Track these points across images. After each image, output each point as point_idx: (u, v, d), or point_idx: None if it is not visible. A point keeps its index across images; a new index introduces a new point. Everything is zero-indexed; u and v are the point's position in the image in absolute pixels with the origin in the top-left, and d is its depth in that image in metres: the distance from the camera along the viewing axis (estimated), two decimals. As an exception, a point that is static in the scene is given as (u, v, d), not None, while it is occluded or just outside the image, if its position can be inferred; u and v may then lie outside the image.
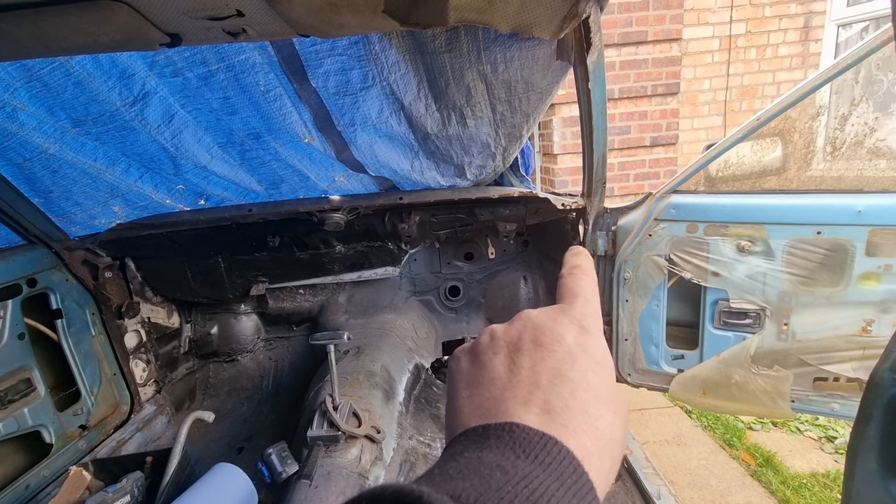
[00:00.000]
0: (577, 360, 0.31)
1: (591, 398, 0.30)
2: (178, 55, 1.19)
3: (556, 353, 0.32)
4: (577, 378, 0.30)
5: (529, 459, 0.26)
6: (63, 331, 1.63)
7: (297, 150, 1.51)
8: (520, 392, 0.30)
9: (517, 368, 0.31)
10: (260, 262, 2.08)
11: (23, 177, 1.41)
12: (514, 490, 0.23)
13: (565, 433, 0.27)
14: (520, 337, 0.33)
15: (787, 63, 4.05)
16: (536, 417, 0.28)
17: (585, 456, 0.27)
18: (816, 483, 2.24)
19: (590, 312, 0.35)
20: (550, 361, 0.31)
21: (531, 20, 0.90)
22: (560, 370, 0.31)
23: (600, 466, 0.28)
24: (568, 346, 0.32)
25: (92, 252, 1.72)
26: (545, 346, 0.32)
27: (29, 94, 1.20)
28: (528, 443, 0.26)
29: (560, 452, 0.26)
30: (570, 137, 3.95)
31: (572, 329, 0.33)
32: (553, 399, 0.29)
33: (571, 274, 0.38)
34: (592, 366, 0.32)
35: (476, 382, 0.32)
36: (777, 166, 1.54)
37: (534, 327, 0.34)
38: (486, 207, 1.86)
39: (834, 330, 1.51)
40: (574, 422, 0.28)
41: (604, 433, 0.29)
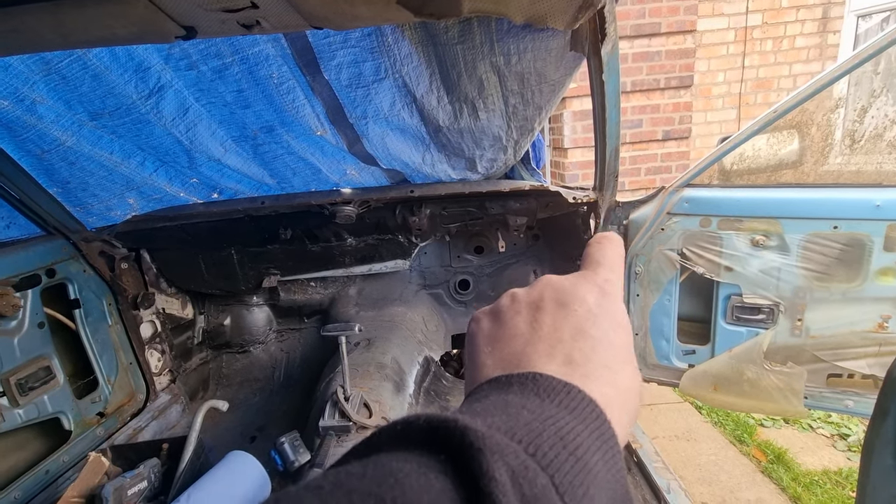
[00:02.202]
0: (599, 320, 0.32)
1: (611, 355, 0.31)
2: (193, 48, 1.20)
3: (577, 313, 0.32)
4: (598, 335, 0.31)
5: (554, 403, 0.26)
6: (81, 320, 1.66)
7: (309, 143, 1.51)
8: (542, 346, 0.31)
9: (539, 325, 0.32)
10: (272, 255, 2.10)
11: (41, 168, 1.44)
12: (542, 426, 0.24)
13: (588, 383, 0.28)
14: (541, 297, 0.34)
15: (805, 55, 3.97)
16: (559, 368, 0.29)
17: (607, 405, 0.28)
18: (828, 480, 2.22)
19: (612, 279, 0.36)
20: (572, 319, 0.32)
21: (546, 10, 0.89)
22: (582, 328, 0.31)
23: (620, 416, 0.28)
24: (589, 306, 0.33)
25: (108, 243, 1.75)
26: (567, 305, 0.33)
27: (48, 87, 1.21)
28: (552, 389, 0.27)
29: (584, 399, 0.27)
30: (580, 131, 3.91)
31: (594, 291, 0.34)
32: (575, 353, 0.30)
33: (599, 243, 0.39)
34: (614, 325, 0.32)
35: (498, 339, 0.33)
36: (793, 160, 1.52)
37: (555, 289, 0.34)
38: (496, 201, 1.86)
39: (849, 326, 1.49)
40: (596, 373, 0.29)
41: (623, 385, 0.30)
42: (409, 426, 0.22)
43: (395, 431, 0.23)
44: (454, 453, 0.21)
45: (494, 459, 0.20)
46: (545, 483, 0.22)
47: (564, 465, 0.23)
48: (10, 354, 1.43)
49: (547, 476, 0.22)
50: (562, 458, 0.23)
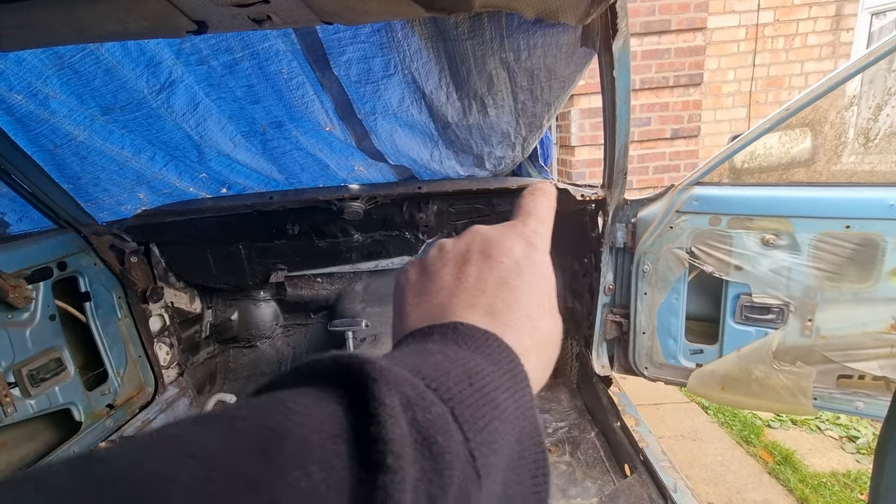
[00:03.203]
0: (524, 271, 0.33)
1: (533, 305, 0.32)
2: (203, 43, 1.20)
3: (503, 264, 0.33)
4: (521, 286, 0.32)
5: (471, 349, 0.27)
6: (91, 313, 1.68)
7: (318, 138, 1.52)
8: (466, 297, 0.32)
9: (465, 277, 0.33)
10: (279, 250, 2.11)
11: (53, 163, 1.45)
12: (451, 366, 0.25)
13: (507, 331, 0.30)
14: (468, 249, 0.35)
15: (817, 53, 3.92)
16: (481, 318, 0.30)
17: (524, 351, 0.29)
18: (836, 483, 2.20)
19: (539, 231, 0.37)
20: (497, 271, 0.33)
21: (557, 5, 0.89)
22: (506, 279, 0.32)
23: (537, 362, 0.31)
24: (515, 257, 0.34)
25: (118, 237, 1.77)
26: (493, 257, 0.33)
27: (60, 81, 1.23)
28: (471, 337, 0.28)
29: (500, 346, 0.28)
30: (588, 129, 3.89)
31: (520, 243, 0.35)
32: (498, 303, 0.31)
33: (531, 193, 0.39)
34: (537, 277, 0.34)
35: (424, 291, 0.34)
36: (806, 158, 1.50)
37: (482, 240, 0.35)
38: (504, 197, 1.85)
39: (861, 327, 1.47)
40: (517, 322, 0.31)
41: (542, 334, 0.32)
42: (314, 364, 0.23)
43: (299, 370, 0.23)
44: (353, 386, 0.21)
45: (389, 388, 0.21)
46: (441, 411, 0.22)
47: (468, 399, 0.24)
48: (22, 346, 1.45)
49: (446, 406, 0.23)
50: (465, 393, 0.24)
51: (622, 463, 1.55)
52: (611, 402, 1.73)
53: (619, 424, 1.64)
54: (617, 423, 1.64)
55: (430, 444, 0.20)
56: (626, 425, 1.59)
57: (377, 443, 0.19)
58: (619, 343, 1.86)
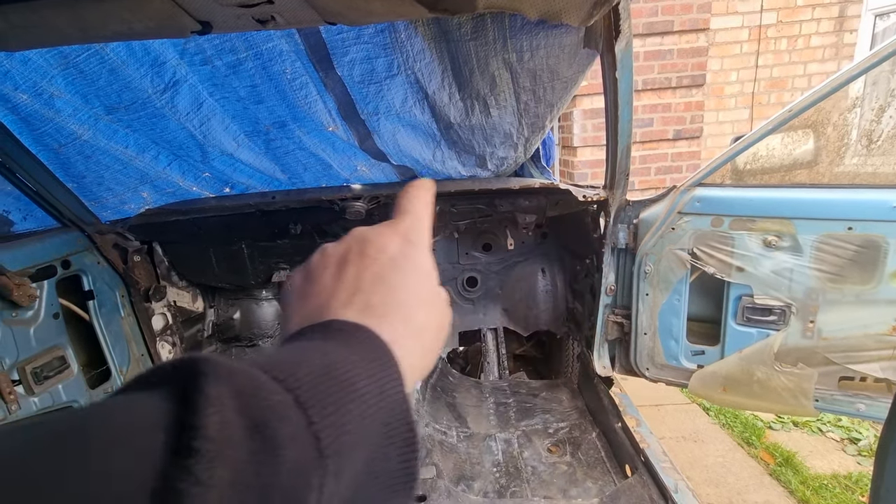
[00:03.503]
0: (399, 266, 0.35)
1: (408, 296, 0.35)
2: (207, 43, 1.21)
3: (378, 261, 0.35)
4: (397, 280, 0.35)
5: (338, 342, 0.29)
6: (94, 311, 1.69)
7: (321, 138, 1.52)
8: (343, 296, 0.34)
9: (343, 276, 0.35)
10: (282, 250, 2.12)
11: (58, 162, 1.46)
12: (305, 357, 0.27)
13: (380, 322, 0.32)
14: (348, 250, 0.37)
15: (820, 54, 3.91)
16: (357, 313, 0.32)
17: (397, 339, 0.31)
18: (838, 484, 2.20)
19: (416, 227, 0.39)
20: (374, 268, 0.35)
21: (561, 7, 0.89)
22: (382, 274, 0.35)
23: (412, 347, 0.33)
24: (391, 254, 0.36)
25: (122, 236, 1.77)
26: (369, 255, 0.36)
27: (65, 81, 1.23)
28: (341, 332, 0.30)
29: (369, 337, 0.30)
30: (590, 130, 3.89)
31: (396, 240, 0.37)
32: (373, 298, 0.33)
33: (407, 192, 0.41)
34: (413, 271, 0.36)
35: (305, 295, 0.36)
36: (808, 159, 1.50)
37: (361, 240, 0.37)
38: (506, 198, 1.86)
39: (862, 329, 1.47)
40: (390, 314, 0.33)
41: (417, 322, 0.34)
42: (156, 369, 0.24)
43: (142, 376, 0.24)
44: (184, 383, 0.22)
45: (217, 381, 0.22)
46: (282, 399, 0.23)
47: (318, 386, 0.25)
48: (26, 343, 1.45)
49: (290, 395, 0.24)
50: (317, 381, 0.25)
51: (623, 463, 1.56)
52: (612, 403, 1.73)
53: (620, 425, 1.64)
54: (618, 424, 1.65)
55: (262, 429, 0.22)
56: (628, 426, 1.59)
57: (192, 429, 0.20)
58: (620, 344, 1.86)
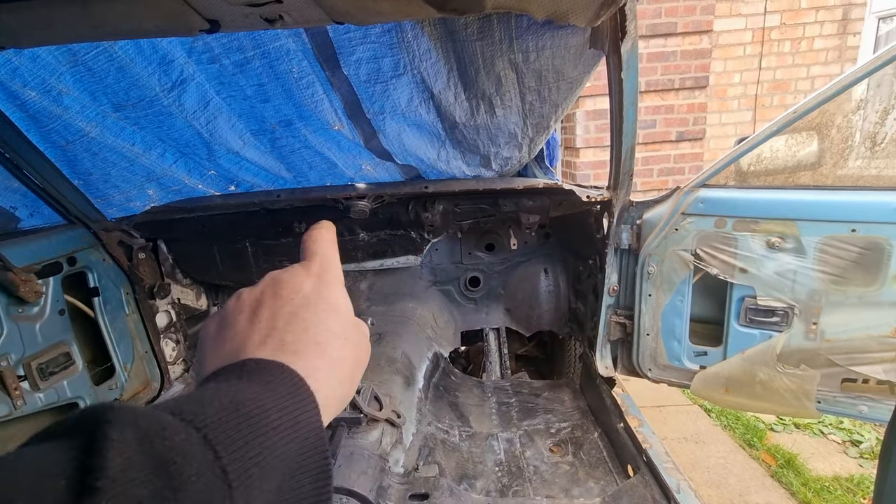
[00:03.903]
0: (313, 304, 0.37)
1: (322, 331, 0.36)
2: (215, 42, 1.22)
3: (293, 301, 0.37)
4: (311, 318, 0.36)
5: (251, 381, 0.30)
6: (100, 308, 1.70)
7: (326, 137, 1.53)
8: (258, 337, 0.35)
9: (257, 319, 0.36)
10: (286, 248, 2.13)
11: (65, 159, 1.47)
12: (216, 396, 0.28)
13: (294, 358, 0.33)
14: (262, 293, 0.38)
15: (823, 57, 3.91)
16: (271, 351, 0.34)
17: (312, 372, 0.33)
18: (839, 487, 2.20)
19: (326, 266, 0.41)
20: (288, 308, 0.37)
21: (568, 7, 0.90)
22: (296, 313, 0.36)
23: (328, 379, 0.34)
24: (305, 294, 0.38)
25: (127, 233, 1.78)
26: (283, 296, 0.37)
27: (74, 78, 1.24)
28: (254, 370, 0.31)
29: (283, 372, 0.32)
30: (593, 131, 3.90)
31: (309, 280, 0.39)
32: (288, 336, 0.35)
33: (310, 235, 0.43)
34: (327, 308, 0.38)
35: (222, 339, 0.37)
36: (812, 161, 1.50)
37: (275, 283, 0.39)
38: (509, 198, 1.86)
39: (865, 331, 1.47)
40: (306, 350, 0.34)
41: (332, 355, 0.36)
42: (62, 420, 0.25)
43: (48, 427, 0.25)
44: (90, 430, 0.23)
45: (122, 426, 0.23)
46: (188, 437, 0.25)
47: (227, 423, 0.26)
48: (31, 339, 1.46)
49: (199, 433, 0.25)
50: (226, 418, 0.27)
51: (625, 464, 1.56)
52: (614, 403, 1.74)
53: (622, 425, 1.64)
54: (620, 424, 1.65)
55: (166, 468, 0.23)
56: (630, 426, 1.59)
57: (94, 471, 0.21)
58: (622, 344, 1.86)
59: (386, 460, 1.43)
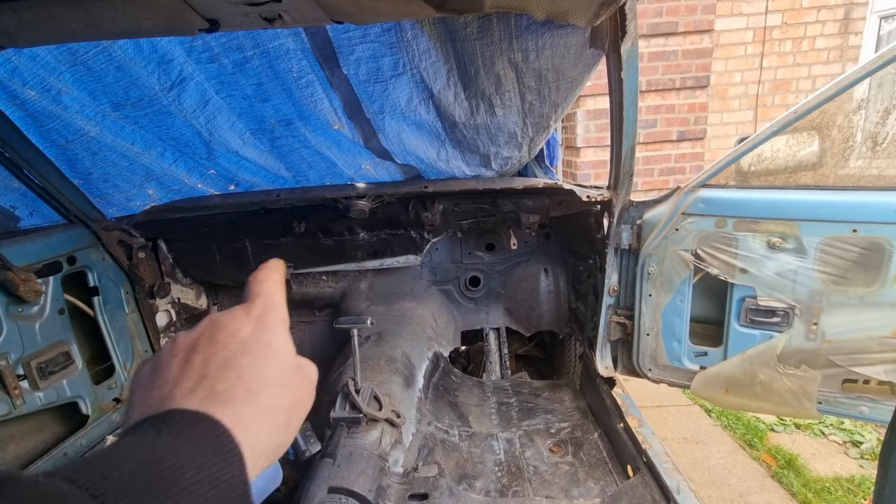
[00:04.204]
0: (250, 349, 0.36)
1: (256, 378, 0.35)
2: (214, 41, 1.21)
3: (229, 346, 0.36)
4: (246, 363, 0.35)
5: (165, 434, 0.30)
6: (99, 307, 1.70)
7: (326, 137, 1.53)
8: (188, 385, 0.34)
9: (189, 366, 0.35)
10: (285, 248, 2.13)
11: (65, 158, 1.47)
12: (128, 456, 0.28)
13: (223, 408, 0.32)
14: (198, 337, 0.37)
15: (825, 56, 3.90)
16: (199, 402, 0.33)
17: (241, 422, 0.32)
18: (840, 487, 2.20)
19: (270, 309, 0.40)
20: (223, 353, 0.36)
21: (567, 7, 0.89)
22: (231, 359, 0.35)
23: (258, 429, 0.33)
24: (242, 337, 0.37)
25: (127, 233, 1.78)
26: (219, 341, 0.36)
27: (73, 77, 1.24)
28: (176, 423, 0.31)
29: (207, 424, 0.31)
30: (594, 130, 3.89)
31: (248, 324, 0.38)
32: (219, 384, 0.34)
33: (255, 276, 0.43)
34: (264, 353, 0.37)
35: (151, 386, 0.36)
36: (813, 161, 1.50)
37: (212, 326, 0.38)
38: (509, 198, 1.86)
39: (866, 331, 1.47)
40: (235, 399, 0.33)
41: (265, 404, 0.35)
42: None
43: None
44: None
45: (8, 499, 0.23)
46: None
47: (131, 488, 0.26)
48: (31, 339, 1.46)
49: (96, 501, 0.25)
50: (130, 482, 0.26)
51: (625, 464, 1.56)
52: (614, 404, 1.73)
53: (622, 425, 1.64)
54: (620, 425, 1.65)
55: None
56: (630, 426, 1.59)
57: None
58: (622, 344, 1.86)
59: (385, 460, 1.42)
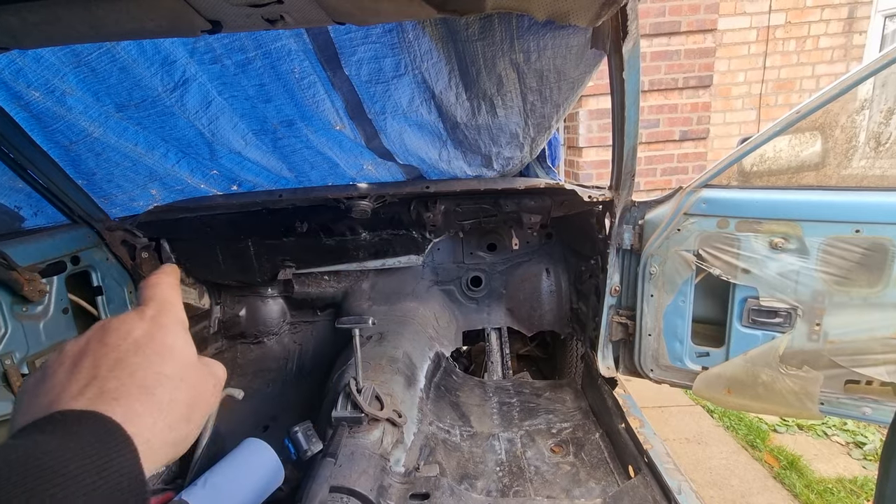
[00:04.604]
0: (143, 348, 0.36)
1: (151, 374, 0.35)
2: (217, 42, 1.22)
3: (120, 347, 0.36)
4: (139, 361, 0.36)
5: (49, 433, 0.30)
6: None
7: (328, 137, 1.53)
8: (75, 387, 0.34)
9: (78, 370, 0.35)
10: (288, 248, 2.13)
11: (69, 159, 1.48)
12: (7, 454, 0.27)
13: (114, 404, 0.32)
14: (87, 342, 0.37)
15: (829, 56, 3.89)
16: (87, 402, 0.32)
17: (133, 417, 0.32)
18: (843, 489, 2.19)
19: (164, 310, 0.41)
20: (114, 354, 0.36)
21: (569, 7, 0.89)
22: (122, 359, 0.35)
23: (154, 423, 0.34)
24: (135, 338, 0.37)
25: (130, 233, 1.79)
26: (110, 343, 0.36)
27: (77, 78, 1.25)
28: (59, 422, 0.31)
29: (93, 419, 0.31)
30: (596, 130, 3.89)
31: (141, 325, 0.38)
32: (109, 383, 0.34)
33: (148, 282, 0.43)
34: (159, 351, 0.37)
35: (37, 394, 0.35)
36: (816, 161, 1.49)
37: (102, 330, 0.38)
38: (511, 198, 1.86)
39: (869, 332, 1.46)
40: (127, 395, 0.33)
41: (161, 398, 0.35)
42: None
43: None
44: None
45: None
46: None
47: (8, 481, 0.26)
48: (35, 338, 1.47)
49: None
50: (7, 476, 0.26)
51: (626, 464, 1.56)
52: (615, 404, 1.73)
53: (623, 426, 1.64)
54: (621, 425, 1.65)
55: None
56: (631, 427, 1.59)
57: None
58: (624, 345, 1.86)
59: (387, 460, 1.43)
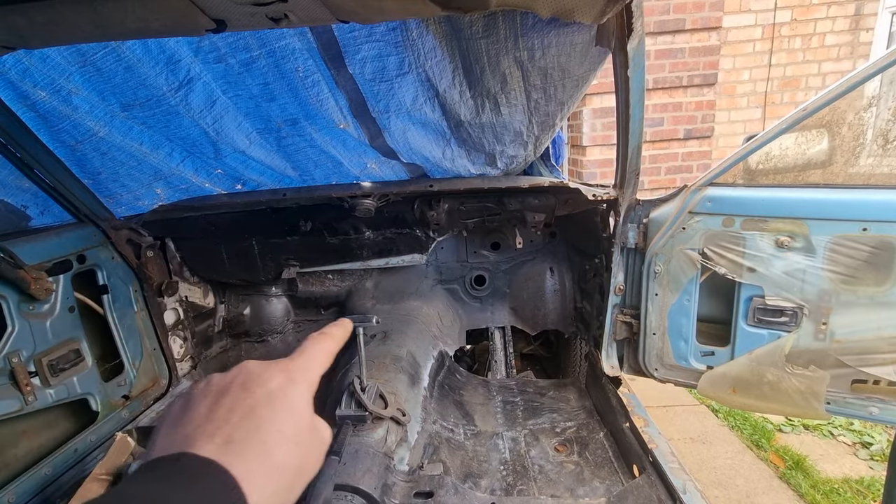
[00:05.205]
0: (274, 402, 0.37)
1: (274, 431, 0.36)
2: (221, 41, 1.22)
3: (255, 395, 0.37)
4: (266, 415, 0.36)
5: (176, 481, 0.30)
6: (109, 306, 1.72)
7: (332, 136, 1.53)
8: (210, 428, 0.34)
9: (217, 408, 0.36)
10: (292, 246, 2.14)
11: (74, 158, 1.49)
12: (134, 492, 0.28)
13: (235, 459, 0.33)
14: (231, 381, 0.39)
15: (835, 53, 3.86)
16: (215, 448, 0.33)
17: (248, 476, 0.32)
18: (849, 489, 2.17)
19: (304, 367, 0.42)
20: (249, 401, 0.36)
21: (573, 4, 0.89)
22: (254, 408, 0.36)
23: (265, 485, 0.34)
24: (269, 389, 0.38)
25: (136, 232, 1.80)
26: (249, 389, 0.37)
27: (83, 78, 1.25)
28: (184, 469, 0.31)
29: (216, 473, 0.31)
30: (600, 129, 3.87)
31: (279, 376, 0.39)
32: (237, 432, 0.34)
33: (312, 336, 0.45)
34: (286, 407, 0.38)
35: (179, 423, 0.36)
36: (822, 159, 1.48)
37: (246, 373, 0.39)
38: (515, 197, 1.86)
39: (877, 331, 1.45)
40: (248, 450, 0.34)
41: (275, 460, 0.35)
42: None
43: None
44: None
45: None
46: None
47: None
48: (42, 336, 1.48)
49: None
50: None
51: (631, 464, 1.55)
52: (620, 403, 1.73)
53: (628, 425, 1.63)
54: (626, 424, 1.64)
55: None
56: (636, 426, 1.58)
57: None
58: (628, 344, 1.85)
59: (391, 458, 1.43)
